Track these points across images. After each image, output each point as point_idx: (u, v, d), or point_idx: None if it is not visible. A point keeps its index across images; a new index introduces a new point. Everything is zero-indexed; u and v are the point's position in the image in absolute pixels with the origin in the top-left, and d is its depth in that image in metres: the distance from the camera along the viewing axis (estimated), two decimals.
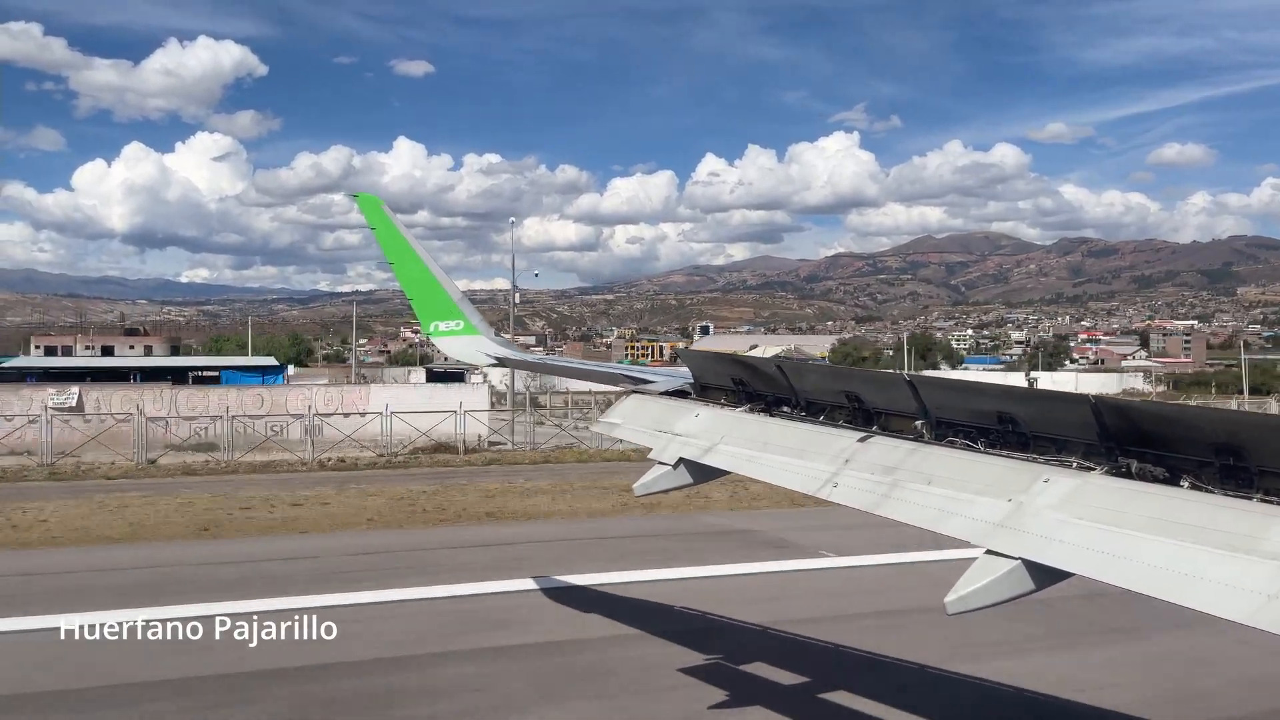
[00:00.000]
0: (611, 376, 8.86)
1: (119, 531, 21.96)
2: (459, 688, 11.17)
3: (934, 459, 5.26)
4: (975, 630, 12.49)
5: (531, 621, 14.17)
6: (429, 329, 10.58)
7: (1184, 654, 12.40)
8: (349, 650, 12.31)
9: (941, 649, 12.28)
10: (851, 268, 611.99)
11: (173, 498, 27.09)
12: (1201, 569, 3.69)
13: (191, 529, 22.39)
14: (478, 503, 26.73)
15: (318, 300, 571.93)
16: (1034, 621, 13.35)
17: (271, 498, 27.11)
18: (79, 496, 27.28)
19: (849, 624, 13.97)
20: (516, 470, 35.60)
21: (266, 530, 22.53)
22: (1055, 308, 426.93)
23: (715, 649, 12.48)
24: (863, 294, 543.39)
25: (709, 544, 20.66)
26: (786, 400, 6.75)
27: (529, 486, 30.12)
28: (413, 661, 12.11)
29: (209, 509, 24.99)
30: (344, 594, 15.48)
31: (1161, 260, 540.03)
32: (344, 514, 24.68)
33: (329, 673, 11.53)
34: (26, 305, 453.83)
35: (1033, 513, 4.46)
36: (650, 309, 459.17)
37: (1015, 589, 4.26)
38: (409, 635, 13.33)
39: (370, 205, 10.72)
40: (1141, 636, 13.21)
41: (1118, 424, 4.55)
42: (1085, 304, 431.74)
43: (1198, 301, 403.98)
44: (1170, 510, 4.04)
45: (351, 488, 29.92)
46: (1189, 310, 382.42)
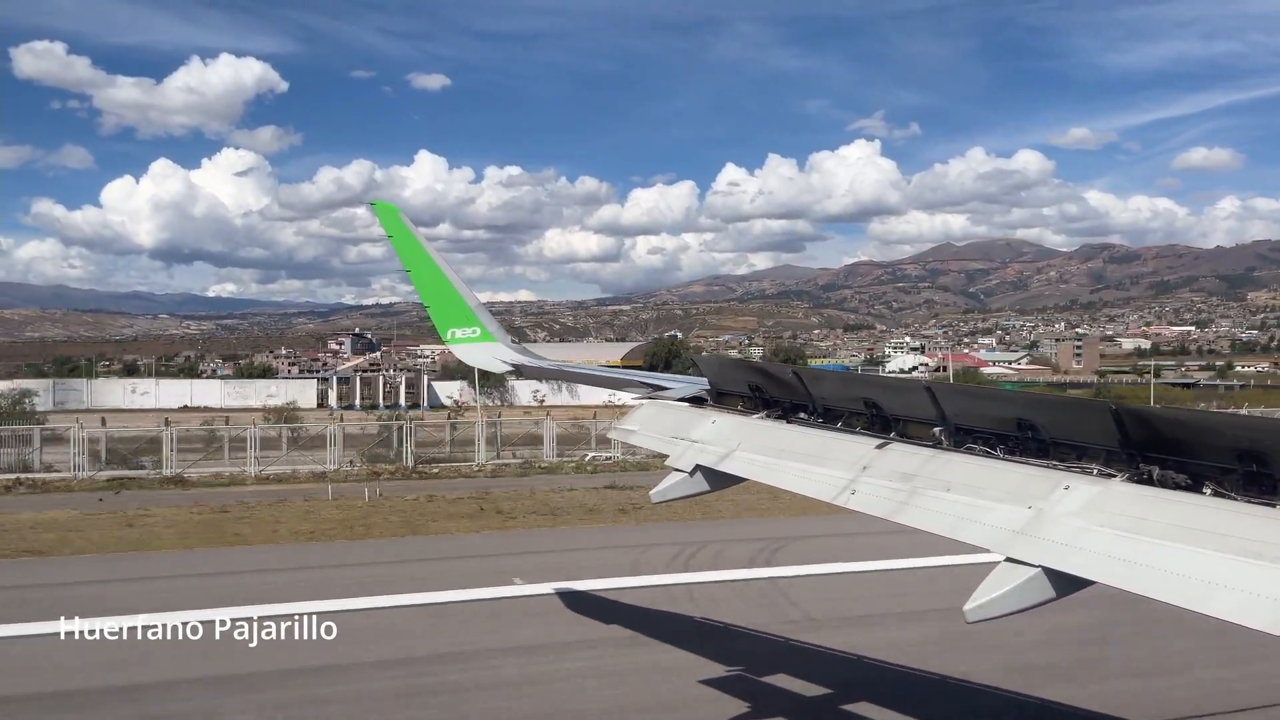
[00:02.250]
0: (628, 383, 8.84)
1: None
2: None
3: (953, 466, 5.22)
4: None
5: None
6: (446, 336, 10.58)
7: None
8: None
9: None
10: (870, 276, 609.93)
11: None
12: (1225, 577, 3.64)
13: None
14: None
15: (337, 313, 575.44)
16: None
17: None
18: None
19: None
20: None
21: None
22: (1067, 314, 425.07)
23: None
24: (878, 302, 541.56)
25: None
26: (803, 406, 6.72)
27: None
28: None
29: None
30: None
31: (1184, 266, 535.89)
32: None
33: None
34: (47, 320, 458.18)
35: (1053, 520, 4.42)
36: (656, 319, 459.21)
37: (1036, 597, 4.22)
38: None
39: (387, 213, 10.73)
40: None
41: (1139, 430, 4.50)
42: (1098, 310, 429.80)
43: (1205, 307, 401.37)
44: (1193, 518, 3.99)
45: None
46: (1193, 315, 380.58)
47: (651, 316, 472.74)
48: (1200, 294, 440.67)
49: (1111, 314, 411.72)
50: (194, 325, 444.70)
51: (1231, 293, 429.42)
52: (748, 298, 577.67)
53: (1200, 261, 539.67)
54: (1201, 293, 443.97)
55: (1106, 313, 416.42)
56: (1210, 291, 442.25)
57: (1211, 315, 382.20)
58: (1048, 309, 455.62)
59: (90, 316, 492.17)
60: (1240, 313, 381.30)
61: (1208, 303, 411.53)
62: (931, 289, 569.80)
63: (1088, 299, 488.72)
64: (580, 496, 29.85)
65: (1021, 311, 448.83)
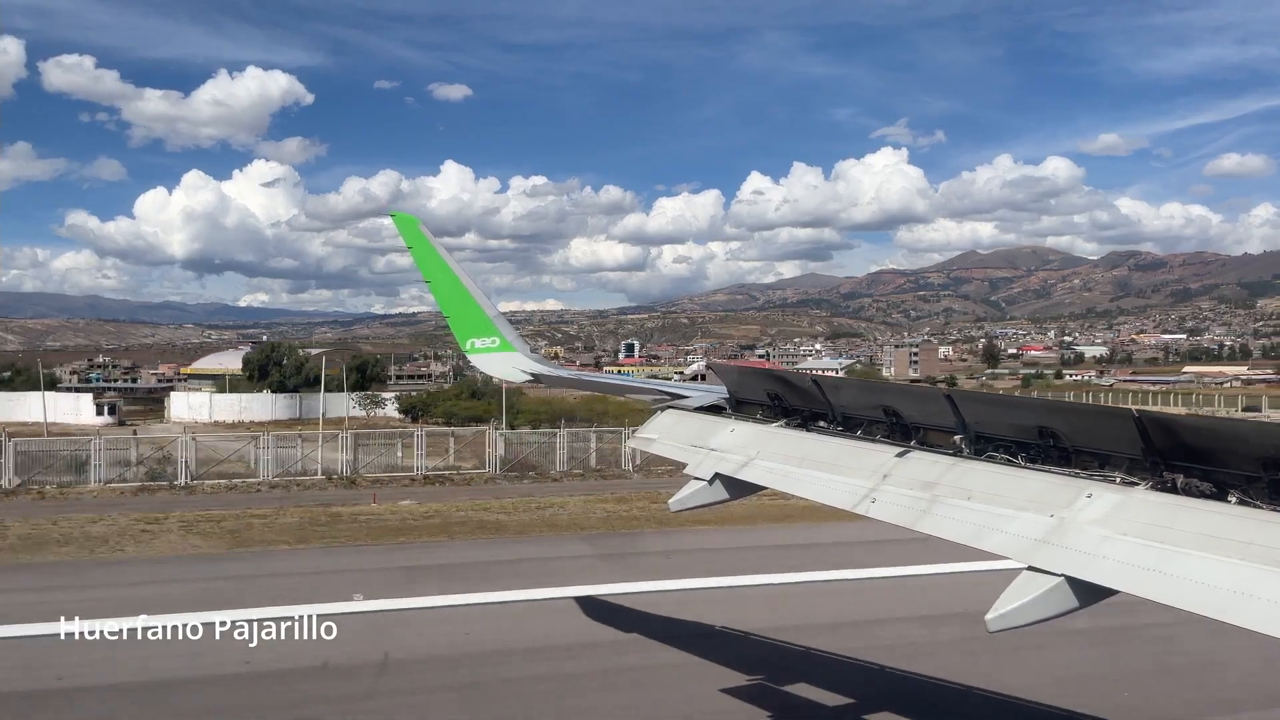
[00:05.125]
0: (647, 391, 8.83)
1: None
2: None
3: (974, 474, 5.19)
4: None
5: None
6: (466, 346, 10.61)
7: None
8: None
9: None
10: (893, 284, 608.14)
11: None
12: (1252, 586, 3.59)
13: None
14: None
15: (360, 322, 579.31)
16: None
17: None
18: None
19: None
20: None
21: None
22: (1081, 321, 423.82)
23: None
24: (896, 310, 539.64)
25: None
26: (823, 415, 6.70)
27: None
28: None
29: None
30: None
31: (1211, 273, 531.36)
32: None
33: None
34: (69, 330, 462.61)
35: (1075, 529, 4.38)
36: (661, 327, 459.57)
37: (1058, 606, 4.19)
38: None
39: (407, 225, 10.79)
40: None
41: (1162, 438, 4.46)
42: (1115, 318, 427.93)
43: (1213, 314, 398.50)
44: (1218, 526, 3.94)
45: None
46: (1197, 323, 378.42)
47: (657, 325, 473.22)
48: (1220, 302, 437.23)
49: (1115, 322, 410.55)
50: (215, 334, 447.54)
51: (1250, 301, 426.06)
52: (768, 306, 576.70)
53: (1226, 269, 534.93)
54: (1221, 300, 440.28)
55: (1124, 320, 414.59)
56: (1229, 299, 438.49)
57: (1217, 321, 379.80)
58: (1059, 317, 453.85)
59: (113, 326, 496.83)
60: (1244, 320, 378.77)
61: (1214, 310, 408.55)
62: (953, 297, 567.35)
63: (1106, 307, 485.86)
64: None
65: (1035, 320, 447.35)
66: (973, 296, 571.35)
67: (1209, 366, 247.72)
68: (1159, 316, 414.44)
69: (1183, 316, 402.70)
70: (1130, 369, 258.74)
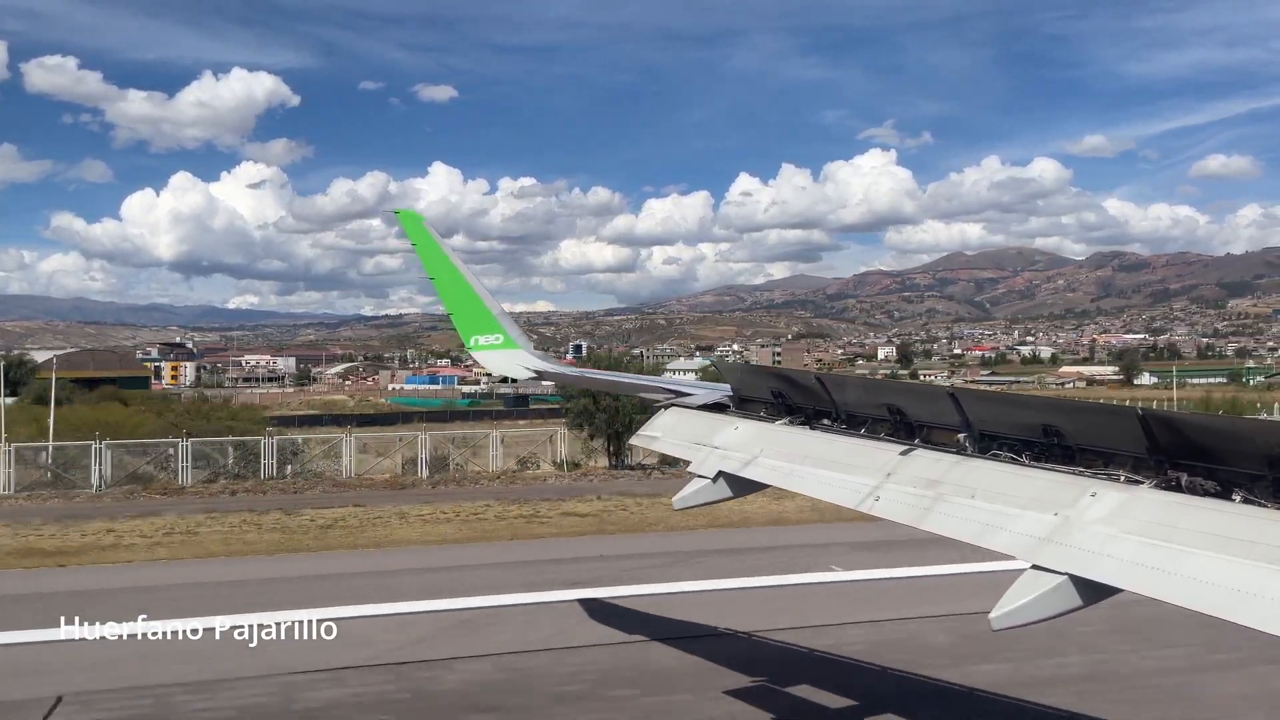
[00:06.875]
0: (650, 389, 8.84)
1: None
2: None
3: (978, 472, 5.20)
4: None
5: None
6: (470, 343, 10.60)
7: None
8: None
9: None
10: (879, 285, 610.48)
11: None
12: (1257, 585, 3.60)
13: None
14: None
15: (345, 324, 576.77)
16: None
17: None
18: None
19: None
20: None
21: None
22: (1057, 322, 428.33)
23: None
24: (880, 311, 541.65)
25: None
26: (826, 413, 6.70)
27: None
28: None
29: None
30: None
31: (1193, 273, 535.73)
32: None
33: None
34: (49, 332, 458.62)
35: (1080, 527, 4.40)
36: (639, 328, 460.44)
37: (1062, 605, 4.21)
38: None
39: (411, 221, 10.78)
40: None
41: (1167, 437, 4.47)
42: (1092, 318, 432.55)
43: (1183, 315, 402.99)
44: (1222, 525, 3.96)
45: None
46: (1165, 323, 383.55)
47: (634, 326, 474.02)
48: (1193, 302, 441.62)
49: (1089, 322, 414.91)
50: (198, 336, 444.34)
51: (1223, 301, 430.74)
52: (755, 308, 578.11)
53: (1209, 269, 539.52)
54: (1196, 301, 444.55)
55: (1099, 321, 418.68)
56: (1205, 299, 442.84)
57: (1185, 321, 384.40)
58: (1041, 318, 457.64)
59: (94, 328, 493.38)
60: (1212, 320, 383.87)
61: (1185, 310, 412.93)
62: (938, 298, 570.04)
63: (1085, 307, 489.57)
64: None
65: (1016, 320, 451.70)
66: (957, 297, 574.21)
67: (1085, 367, 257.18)
68: (1129, 318, 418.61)
69: (1152, 317, 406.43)
70: (992, 369, 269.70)
